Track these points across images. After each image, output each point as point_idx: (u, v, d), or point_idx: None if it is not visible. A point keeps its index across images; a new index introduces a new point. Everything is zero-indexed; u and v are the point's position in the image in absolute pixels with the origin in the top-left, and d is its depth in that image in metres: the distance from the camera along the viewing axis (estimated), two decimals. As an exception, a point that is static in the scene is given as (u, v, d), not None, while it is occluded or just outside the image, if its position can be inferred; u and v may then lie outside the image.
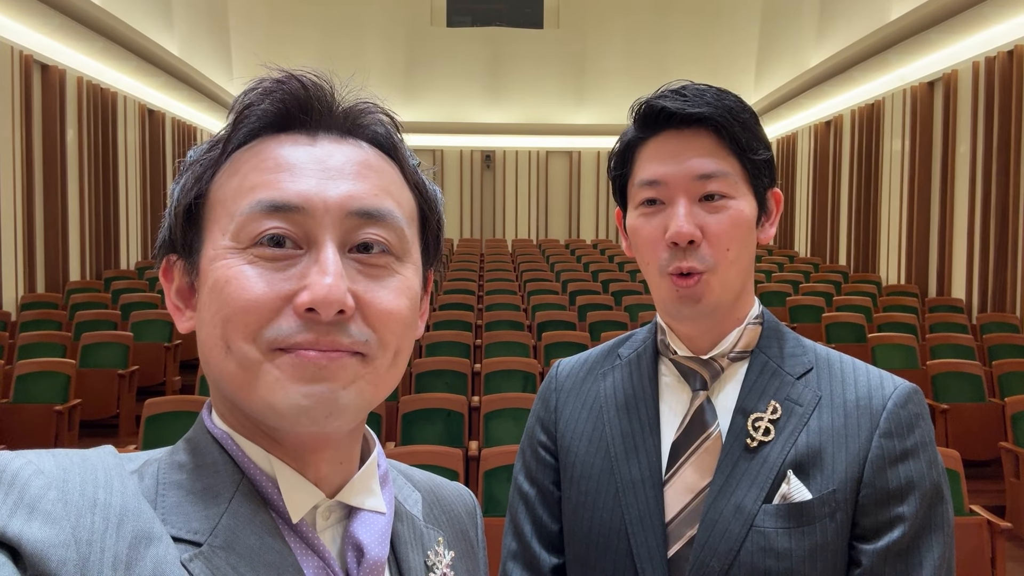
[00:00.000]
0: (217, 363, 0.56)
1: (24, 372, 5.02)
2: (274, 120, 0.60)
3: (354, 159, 0.60)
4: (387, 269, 0.59)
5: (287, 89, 0.60)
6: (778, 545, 0.88)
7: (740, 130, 0.94)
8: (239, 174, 0.58)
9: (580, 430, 1.04)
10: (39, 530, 0.46)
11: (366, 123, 0.63)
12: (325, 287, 0.54)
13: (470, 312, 7.12)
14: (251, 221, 0.56)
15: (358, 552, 0.59)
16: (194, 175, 0.60)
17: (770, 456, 0.92)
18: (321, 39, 14.81)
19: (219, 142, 0.60)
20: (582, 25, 15.69)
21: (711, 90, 0.96)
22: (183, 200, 0.59)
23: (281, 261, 0.56)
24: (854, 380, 0.96)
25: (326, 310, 0.54)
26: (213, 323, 0.56)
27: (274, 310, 0.55)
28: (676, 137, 0.95)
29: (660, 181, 0.95)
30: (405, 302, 0.59)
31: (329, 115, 0.61)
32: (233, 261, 0.56)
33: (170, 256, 0.62)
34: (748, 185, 0.96)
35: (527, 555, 1.03)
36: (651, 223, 0.96)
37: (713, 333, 0.98)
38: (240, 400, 0.57)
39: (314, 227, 0.56)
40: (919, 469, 0.90)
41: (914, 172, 9.10)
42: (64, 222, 8.56)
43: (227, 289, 0.55)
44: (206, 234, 0.59)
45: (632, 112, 1.00)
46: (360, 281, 0.57)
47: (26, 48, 8.00)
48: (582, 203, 15.79)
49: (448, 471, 3.16)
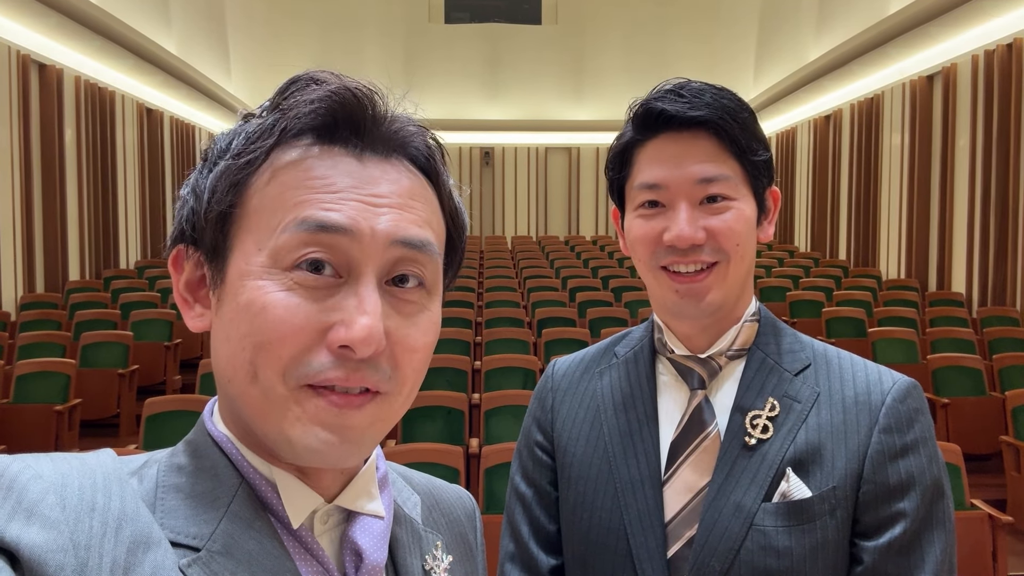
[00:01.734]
0: (239, 386, 0.55)
1: (24, 372, 5.02)
2: (321, 129, 0.57)
3: (401, 187, 0.58)
4: (418, 305, 0.58)
5: (338, 100, 0.57)
6: (778, 543, 0.88)
7: (740, 132, 0.94)
8: (281, 187, 0.56)
9: (577, 430, 1.03)
10: (37, 535, 0.46)
11: (411, 143, 0.61)
12: (364, 328, 0.53)
13: (470, 309, 7.12)
14: (292, 242, 0.54)
15: (356, 557, 0.59)
16: (229, 179, 0.57)
17: (769, 454, 0.91)
18: (319, 36, 14.79)
19: (260, 146, 0.57)
20: (580, 21, 15.67)
21: (709, 89, 0.95)
22: (216, 206, 0.57)
23: (320, 289, 0.54)
24: (852, 376, 0.95)
25: (363, 350, 0.53)
26: (242, 346, 0.54)
27: (308, 344, 0.54)
28: (675, 140, 0.94)
29: (661, 185, 0.94)
30: (431, 340, 0.59)
31: (376, 132, 0.59)
32: (270, 285, 0.54)
33: (183, 247, 0.60)
34: (748, 186, 0.96)
35: (525, 556, 1.03)
36: (649, 224, 0.96)
37: (711, 331, 0.98)
38: (256, 425, 0.56)
39: (357, 255, 0.55)
40: (919, 464, 0.90)
41: (914, 166, 9.09)
42: (63, 222, 8.56)
43: (262, 316, 0.53)
44: (237, 241, 0.56)
45: (630, 113, 0.99)
46: (393, 317, 0.56)
47: (23, 48, 7.98)
48: (581, 199, 15.79)
49: (448, 469, 3.16)
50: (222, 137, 0.60)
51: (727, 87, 0.98)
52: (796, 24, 12.02)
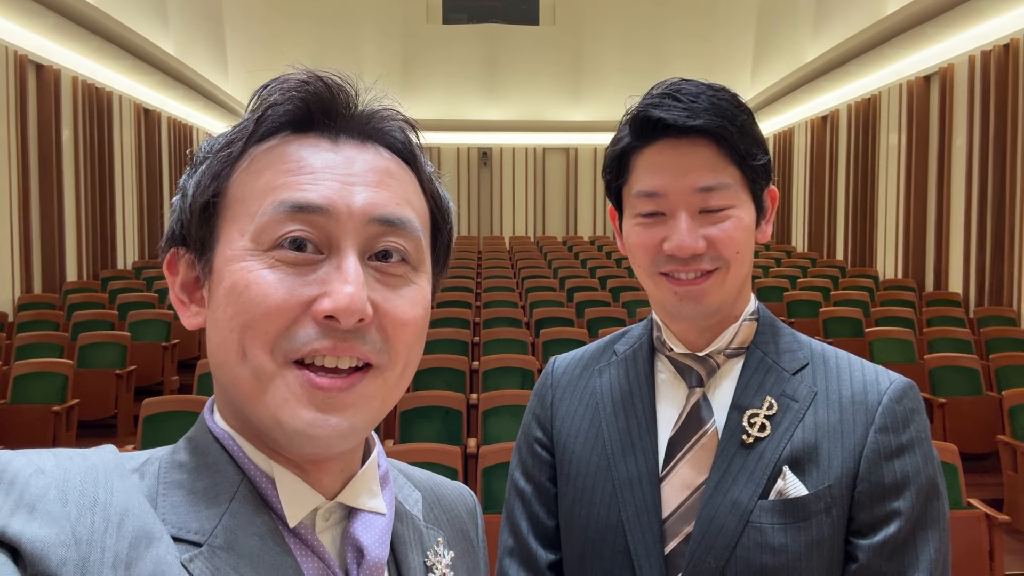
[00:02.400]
0: (231, 369, 0.56)
1: (21, 373, 5.01)
2: (296, 120, 0.59)
3: (376, 166, 0.59)
4: (404, 278, 0.59)
5: (311, 90, 0.59)
6: (774, 541, 0.88)
7: (739, 138, 0.93)
8: (260, 173, 0.58)
9: (576, 427, 1.04)
10: (39, 530, 0.46)
11: (386, 129, 0.62)
12: (347, 296, 0.53)
13: (468, 309, 7.12)
14: (273, 222, 0.55)
15: (358, 553, 0.59)
16: (211, 172, 0.59)
17: (766, 452, 0.92)
18: (317, 36, 14.78)
19: (238, 138, 0.59)
20: (578, 21, 15.68)
21: (705, 92, 0.94)
22: (200, 197, 0.58)
23: (302, 266, 0.55)
24: (849, 375, 0.96)
25: (347, 319, 0.54)
26: (230, 327, 0.55)
27: (293, 317, 0.54)
28: (674, 147, 0.93)
29: (660, 193, 0.94)
30: (420, 312, 0.59)
31: (350, 118, 0.60)
32: (253, 264, 0.55)
33: (177, 249, 0.61)
34: (747, 191, 0.96)
35: (523, 551, 1.04)
36: (649, 232, 0.95)
37: (710, 331, 0.98)
38: (248, 409, 0.56)
39: (336, 231, 0.56)
40: (915, 464, 0.90)
41: (910, 166, 9.10)
42: (60, 222, 8.54)
43: (246, 294, 0.54)
44: (221, 232, 0.58)
45: (626, 116, 0.97)
46: (378, 289, 0.57)
47: (21, 48, 7.97)
48: (579, 200, 15.79)
49: (447, 468, 3.16)
50: (209, 140, 0.61)
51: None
52: (793, 24, 12.03)
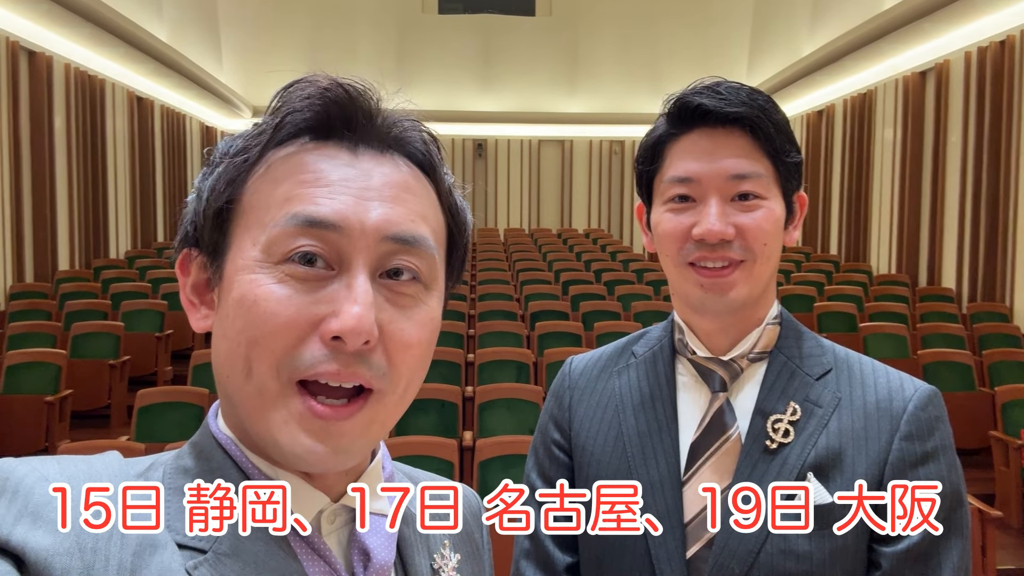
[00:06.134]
0: (236, 383, 0.55)
1: (14, 363, 4.99)
2: (315, 127, 0.58)
3: (393, 180, 0.58)
4: (414, 299, 0.58)
5: (331, 97, 0.58)
6: (798, 547, 0.88)
7: (774, 132, 0.94)
8: (276, 183, 0.57)
9: (595, 429, 1.03)
10: (43, 537, 0.46)
11: (408, 139, 0.61)
12: (354, 317, 0.53)
13: (463, 302, 7.11)
14: (284, 236, 0.54)
15: (364, 556, 0.59)
16: (227, 177, 0.58)
17: (790, 458, 0.91)
18: (311, 26, 14.69)
19: (256, 143, 0.58)
20: (574, 13, 15.63)
21: (744, 89, 0.95)
22: (214, 203, 0.57)
23: (312, 281, 0.54)
24: (874, 382, 0.95)
25: (353, 340, 0.53)
26: (237, 341, 0.54)
27: (301, 336, 0.54)
28: (710, 135, 0.94)
29: (693, 178, 0.94)
30: (427, 335, 0.59)
31: (371, 128, 0.59)
32: (262, 277, 0.54)
33: (190, 250, 0.60)
34: (778, 187, 0.96)
35: (541, 553, 1.03)
36: (678, 218, 0.95)
37: (733, 332, 0.98)
38: (249, 424, 0.56)
39: (348, 248, 0.55)
40: (939, 472, 0.90)
41: (905, 161, 9.13)
42: (52, 211, 8.50)
43: (255, 310, 0.54)
44: (234, 239, 0.57)
45: (664, 107, 0.98)
46: (387, 310, 0.56)
47: (12, 34, 7.90)
48: (574, 192, 15.77)
49: (442, 462, 3.16)
50: (227, 140, 0.60)
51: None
52: (790, 19, 12.03)
